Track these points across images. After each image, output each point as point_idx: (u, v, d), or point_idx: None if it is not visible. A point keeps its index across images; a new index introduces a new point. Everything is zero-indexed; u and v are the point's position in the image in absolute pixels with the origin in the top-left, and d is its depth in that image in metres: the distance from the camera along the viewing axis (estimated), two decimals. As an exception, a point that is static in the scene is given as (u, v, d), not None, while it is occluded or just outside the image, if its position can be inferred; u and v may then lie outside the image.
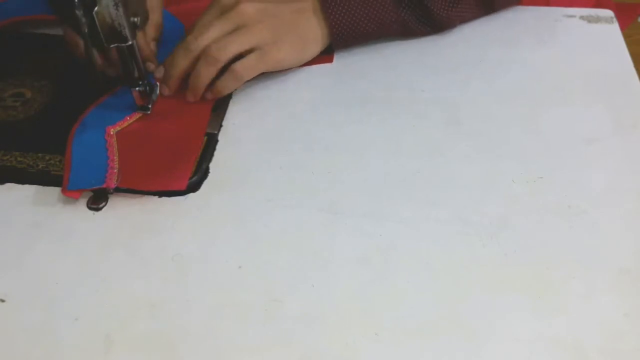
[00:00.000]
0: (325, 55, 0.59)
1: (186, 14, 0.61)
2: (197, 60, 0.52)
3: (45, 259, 0.44)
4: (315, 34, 0.56)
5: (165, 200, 0.47)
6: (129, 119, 0.52)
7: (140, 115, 0.52)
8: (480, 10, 0.62)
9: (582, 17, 0.63)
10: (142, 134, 0.51)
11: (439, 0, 0.57)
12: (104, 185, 0.46)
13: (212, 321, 0.40)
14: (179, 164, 0.48)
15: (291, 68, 0.57)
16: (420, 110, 0.54)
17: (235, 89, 0.55)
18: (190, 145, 0.50)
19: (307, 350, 0.39)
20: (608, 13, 0.64)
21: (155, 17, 0.55)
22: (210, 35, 0.52)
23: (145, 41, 0.54)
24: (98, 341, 0.39)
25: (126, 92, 0.52)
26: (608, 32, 0.62)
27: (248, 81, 0.54)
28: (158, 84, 0.54)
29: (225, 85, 0.53)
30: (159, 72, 0.54)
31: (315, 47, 0.57)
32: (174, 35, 0.59)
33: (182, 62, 0.53)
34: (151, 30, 0.55)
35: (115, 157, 0.48)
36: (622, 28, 0.62)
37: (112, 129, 0.51)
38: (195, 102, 0.54)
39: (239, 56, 0.53)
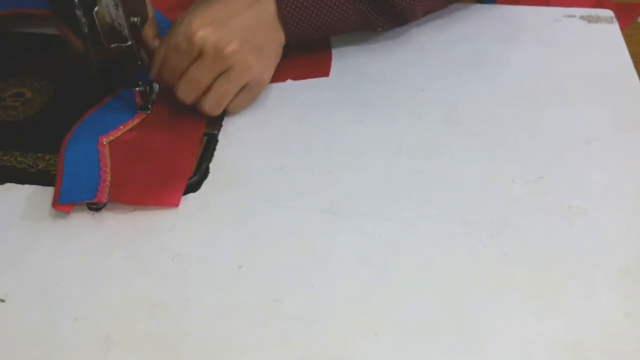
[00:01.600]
0: (322, 66, 0.58)
1: None
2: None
3: (45, 259, 0.44)
4: (276, 45, 0.54)
5: (165, 200, 0.47)
6: (122, 128, 0.51)
7: (134, 124, 0.52)
8: (445, 1, 0.61)
9: (582, 17, 0.63)
10: (135, 145, 0.50)
11: None
12: (95, 200, 0.45)
13: (212, 321, 0.40)
14: (172, 179, 0.48)
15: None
16: (420, 110, 0.54)
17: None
18: (184, 161, 0.49)
19: (307, 350, 0.39)
20: (608, 13, 0.64)
21: (151, 14, 0.54)
22: (200, 88, 0.50)
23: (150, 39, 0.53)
24: (98, 341, 0.39)
25: (127, 93, 0.52)
26: (608, 32, 0.62)
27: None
28: (157, 83, 0.54)
29: (225, 112, 0.53)
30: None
31: (278, 57, 0.55)
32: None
33: (179, 98, 0.51)
34: (150, 28, 0.54)
35: (107, 169, 0.48)
36: (622, 28, 0.62)
37: (105, 139, 0.50)
38: (189, 111, 0.53)
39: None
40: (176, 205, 0.46)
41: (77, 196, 0.46)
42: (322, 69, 0.58)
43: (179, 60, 0.49)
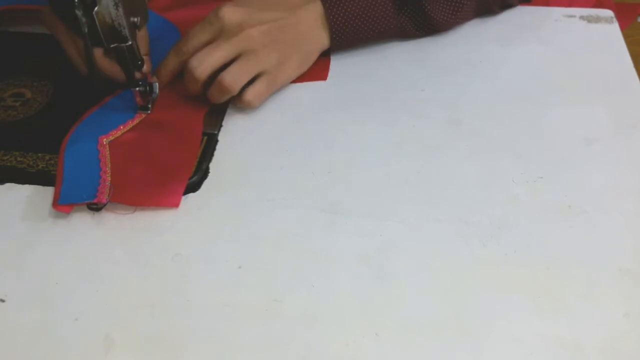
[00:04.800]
0: (320, 70, 0.58)
1: (181, 22, 0.61)
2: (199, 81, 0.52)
3: (45, 259, 0.44)
4: (316, 47, 0.56)
5: (165, 200, 0.47)
6: (122, 128, 0.51)
7: (134, 124, 0.52)
8: (476, 15, 0.63)
9: (582, 17, 0.63)
10: (135, 145, 0.50)
11: (441, 9, 0.58)
12: (95, 200, 0.45)
13: (212, 321, 0.40)
14: (172, 179, 0.48)
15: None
16: (420, 110, 0.54)
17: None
18: (184, 161, 0.49)
19: (307, 350, 0.39)
20: (608, 13, 0.64)
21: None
22: (216, 61, 0.51)
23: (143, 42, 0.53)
24: (98, 341, 0.39)
25: (127, 93, 0.52)
26: (608, 32, 0.62)
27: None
28: (157, 83, 0.54)
29: (240, 106, 0.54)
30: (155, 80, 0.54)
31: (316, 55, 0.57)
32: (168, 35, 0.59)
33: (192, 87, 0.52)
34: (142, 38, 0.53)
35: (107, 169, 0.48)
36: (622, 28, 0.62)
37: (104, 139, 0.50)
38: (188, 111, 0.53)
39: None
40: (176, 205, 0.46)
41: (77, 196, 0.46)
42: (320, 73, 0.58)
43: (202, 32, 0.52)
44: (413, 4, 0.57)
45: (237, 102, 0.53)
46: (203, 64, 0.50)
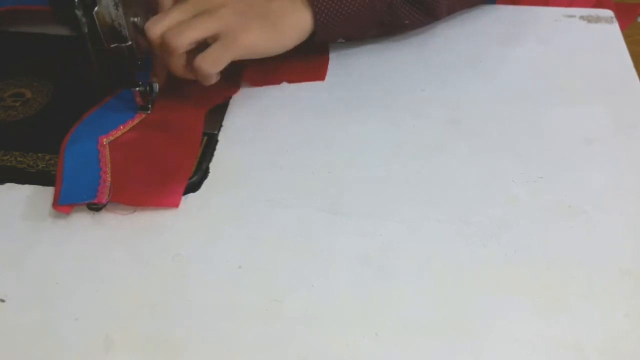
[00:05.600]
0: (318, 69, 0.57)
1: None
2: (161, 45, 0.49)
3: (45, 259, 0.44)
4: (292, 20, 0.51)
5: (165, 200, 0.47)
6: (122, 128, 0.51)
7: (134, 124, 0.52)
8: (470, 2, 0.61)
9: (582, 17, 0.63)
10: (135, 145, 0.50)
11: None
12: (95, 201, 0.45)
13: (212, 321, 0.40)
14: (172, 179, 0.47)
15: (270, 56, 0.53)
16: (420, 110, 0.54)
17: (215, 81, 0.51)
18: (184, 161, 0.49)
19: (307, 350, 0.39)
20: (608, 13, 0.64)
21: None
22: (170, 18, 0.48)
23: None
24: (98, 341, 0.39)
25: (127, 93, 0.52)
26: (608, 32, 0.62)
27: (248, 81, 0.55)
28: (157, 83, 0.54)
29: (202, 81, 0.50)
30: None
31: (293, 34, 0.52)
32: None
33: (150, 46, 0.49)
34: None
35: (107, 169, 0.48)
36: (622, 28, 0.62)
37: (104, 139, 0.50)
38: (189, 111, 0.53)
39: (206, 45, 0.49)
40: (176, 205, 0.46)
41: (77, 197, 0.46)
42: (318, 73, 0.57)
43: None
44: None
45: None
46: (155, 23, 0.48)
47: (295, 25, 0.52)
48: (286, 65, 0.57)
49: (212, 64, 0.48)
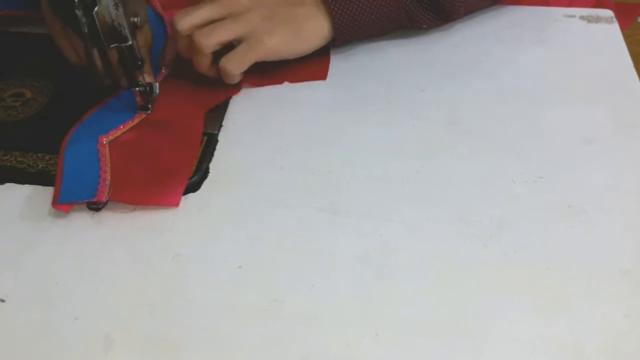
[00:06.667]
0: (319, 69, 0.58)
1: None
2: (187, 40, 0.51)
3: (45, 259, 0.44)
4: (314, 26, 0.54)
5: (165, 200, 0.47)
6: (122, 128, 0.51)
7: (134, 124, 0.52)
8: (487, 1, 0.61)
9: (582, 17, 0.63)
10: (135, 145, 0.50)
11: None
12: (95, 199, 0.45)
13: (212, 321, 0.40)
14: (172, 179, 0.47)
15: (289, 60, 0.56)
16: (420, 110, 0.54)
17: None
18: (184, 161, 0.49)
19: (307, 350, 0.39)
20: (608, 13, 0.64)
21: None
22: (198, 15, 0.50)
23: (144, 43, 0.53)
24: (98, 341, 0.39)
25: (127, 93, 0.52)
26: (608, 32, 0.62)
27: (248, 81, 0.55)
28: (157, 83, 0.54)
29: (226, 79, 0.52)
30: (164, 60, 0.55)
31: (315, 39, 0.55)
32: (165, 35, 0.59)
33: (178, 42, 0.51)
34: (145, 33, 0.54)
35: (107, 168, 0.48)
36: (622, 28, 0.62)
37: (104, 138, 0.50)
38: (189, 111, 0.53)
39: (231, 47, 0.51)
40: (176, 205, 0.46)
41: (76, 195, 0.46)
42: (319, 73, 0.57)
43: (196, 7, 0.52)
44: None
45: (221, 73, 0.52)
46: (183, 18, 0.50)
47: (317, 31, 0.55)
48: (287, 65, 0.57)
49: (236, 65, 0.51)
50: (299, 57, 0.55)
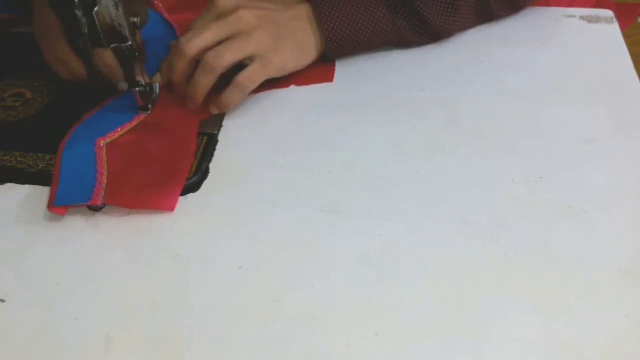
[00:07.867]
0: (325, 72, 0.58)
1: (183, 24, 0.61)
2: (192, 63, 0.51)
3: (45, 259, 0.44)
4: (310, 41, 0.56)
5: (165, 200, 0.47)
6: (120, 130, 0.51)
7: (131, 126, 0.52)
8: (478, 20, 0.61)
9: (582, 17, 0.63)
10: (132, 147, 0.50)
11: (436, 10, 0.57)
12: (90, 202, 0.45)
13: (212, 321, 0.40)
14: (168, 183, 0.47)
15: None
16: (420, 110, 0.54)
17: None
18: (181, 164, 0.49)
19: (307, 350, 0.39)
20: (608, 13, 0.64)
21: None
22: (205, 38, 0.50)
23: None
24: (98, 341, 0.39)
25: (127, 95, 0.52)
26: (608, 32, 0.62)
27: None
28: (157, 83, 0.54)
29: (231, 98, 0.52)
30: (157, 79, 0.54)
31: (311, 54, 0.56)
32: (167, 37, 0.59)
33: (178, 66, 0.51)
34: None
35: (104, 171, 0.48)
36: (622, 28, 0.62)
37: (102, 141, 0.50)
38: (185, 114, 0.53)
39: (238, 64, 0.51)
40: (171, 209, 0.46)
41: (72, 198, 0.46)
42: (326, 75, 0.57)
43: (199, 21, 0.53)
44: (406, 6, 0.56)
45: (230, 87, 0.52)
46: (191, 41, 0.50)
47: (315, 45, 0.56)
48: None
49: (250, 82, 0.52)
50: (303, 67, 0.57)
